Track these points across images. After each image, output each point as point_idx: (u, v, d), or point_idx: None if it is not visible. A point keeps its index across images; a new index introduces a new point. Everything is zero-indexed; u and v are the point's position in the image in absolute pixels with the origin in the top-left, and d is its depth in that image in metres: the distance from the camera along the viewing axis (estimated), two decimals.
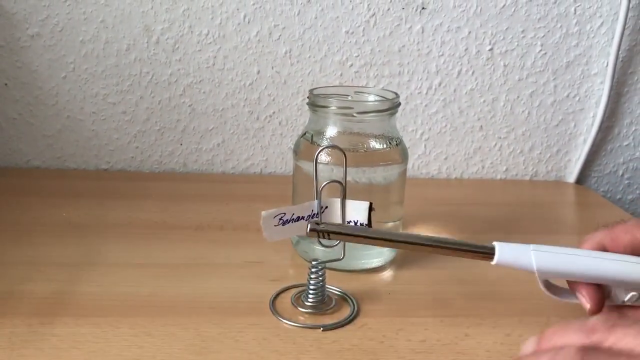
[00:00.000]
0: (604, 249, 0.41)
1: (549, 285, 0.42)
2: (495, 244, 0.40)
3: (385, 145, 0.51)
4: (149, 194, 0.68)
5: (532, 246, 0.40)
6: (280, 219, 0.44)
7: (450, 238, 0.41)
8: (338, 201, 0.45)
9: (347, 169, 0.45)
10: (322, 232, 0.40)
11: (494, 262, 0.40)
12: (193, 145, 0.76)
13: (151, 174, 0.76)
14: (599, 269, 0.39)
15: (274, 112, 0.75)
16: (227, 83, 0.73)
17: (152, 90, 0.73)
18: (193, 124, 0.75)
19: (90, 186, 0.70)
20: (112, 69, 0.72)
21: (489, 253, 0.40)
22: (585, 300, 0.41)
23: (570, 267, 0.40)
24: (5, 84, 0.71)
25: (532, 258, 0.40)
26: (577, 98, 0.78)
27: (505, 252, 0.40)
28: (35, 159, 0.75)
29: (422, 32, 0.73)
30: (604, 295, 0.41)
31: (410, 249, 0.41)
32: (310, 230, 0.40)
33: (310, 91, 0.52)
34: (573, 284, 0.41)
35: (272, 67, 0.73)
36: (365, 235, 0.41)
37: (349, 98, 0.55)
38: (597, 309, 0.40)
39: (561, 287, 0.42)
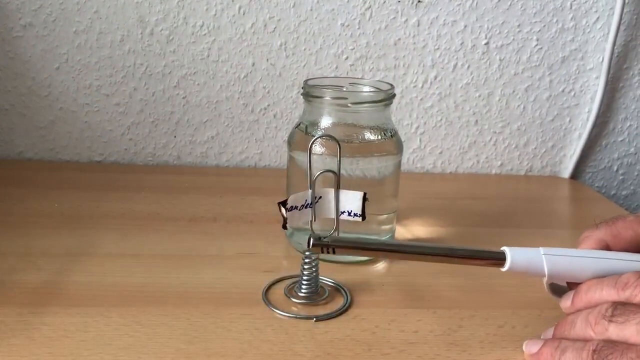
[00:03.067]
0: (606, 246, 0.40)
1: (553, 287, 0.41)
2: (506, 249, 0.39)
3: (379, 137, 0.51)
4: (143, 186, 0.67)
5: (542, 250, 0.39)
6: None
7: (459, 247, 0.40)
8: (332, 191, 0.45)
9: (342, 159, 0.45)
10: (326, 246, 0.39)
11: (505, 269, 0.39)
12: (187, 138, 0.75)
13: (145, 166, 0.76)
14: (609, 271, 0.38)
15: (268, 105, 0.75)
16: (221, 75, 0.73)
17: (146, 82, 0.72)
18: (187, 116, 0.74)
19: (83, 178, 0.70)
20: (106, 60, 0.71)
21: (499, 259, 0.39)
22: None
23: (581, 270, 0.39)
24: None
25: (543, 263, 0.39)
26: (572, 93, 0.78)
27: (516, 258, 0.39)
28: (27, 151, 0.74)
29: (418, 25, 0.73)
30: None
31: (417, 260, 0.39)
32: (313, 245, 0.39)
33: (305, 82, 0.52)
34: (574, 285, 0.40)
35: (267, 60, 0.73)
36: (370, 247, 0.40)
37: (344, 89, 0.55)
38: None
39: (566, 287, 0.41)
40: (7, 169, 0.71)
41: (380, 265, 0.52)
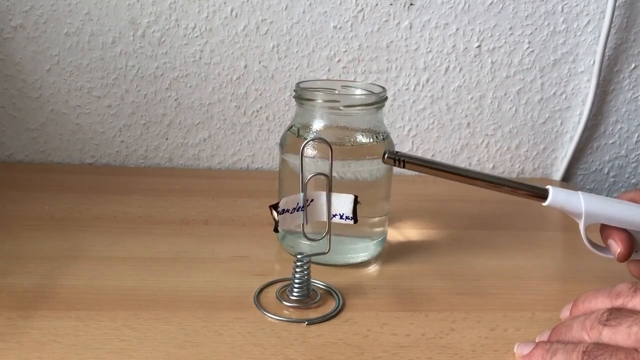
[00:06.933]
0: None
1: (592, 243, 0.46)
2: (549, 187, 0.44)
3: (371, 140, 0.51)
4: (134, 189, 0.67)
5: (580, 192, 0.45)
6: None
7: (511, 178, 0.46)
8: (323, 194, 0.45)
9: (333, 162, 0.45)
10: (399, 159, 0.43)
11: (546, 203, 0.44)
12: (179, 140, 0.75)
13: (136, 168, 0.75)
14: (637, 215, 0.44)
15: (261, 107, 0.75)
16: (213, 77, 0.73)
17: (138, 84, 0.72)
18: (179, 119, 0.74)
19: (74, 180, 0.69)
20: (97, 62, 0.71)
21: (542, 195, 0.44)
22: (616, 244, 0.44)
23: (614, 211, 0.44)
24: None
25: (581, 200, 0.44)
26: (563, 96, 0.78)
27: (558, 194, 0.44)
28: (18, 153, 0.74)
29: (410, 28, 0.73)
30: (634, 242, 0.45)
31: (471, 184, 0.44)
32: (388, 157, 0.43)
33: (297, 84, 0.52)
34: (606, 231, 0.45)
35: (260, 62, 0.73)
36: (435, 167, 0.44)
37: (336, 92, 0.55)
38: (627, 252, 0.44)
39: (603, 246, 0.46)
40: None
41: (372, 268, 0.52)
